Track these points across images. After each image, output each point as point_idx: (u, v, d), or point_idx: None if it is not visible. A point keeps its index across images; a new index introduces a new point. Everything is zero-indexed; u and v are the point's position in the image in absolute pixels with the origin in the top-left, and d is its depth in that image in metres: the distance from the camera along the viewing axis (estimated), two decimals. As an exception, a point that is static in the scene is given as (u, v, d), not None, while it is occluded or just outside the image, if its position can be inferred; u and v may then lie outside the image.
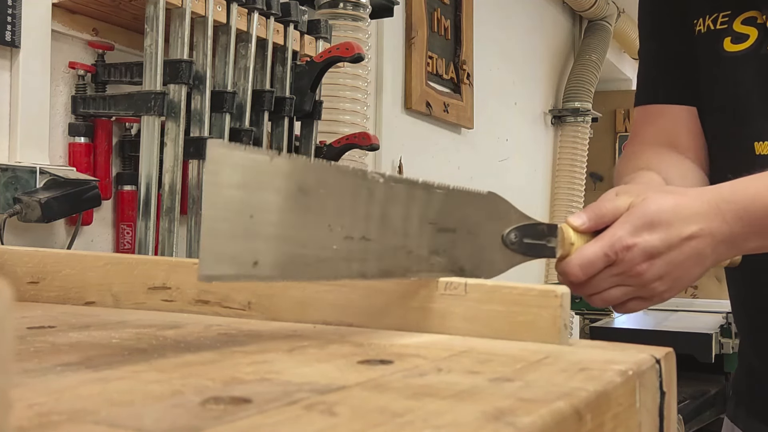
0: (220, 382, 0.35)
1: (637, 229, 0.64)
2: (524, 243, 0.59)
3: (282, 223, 0.40)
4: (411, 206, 0.48)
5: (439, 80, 2.54)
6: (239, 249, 0.38)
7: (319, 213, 0.42)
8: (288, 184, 0.40)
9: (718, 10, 0.86)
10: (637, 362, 0.41)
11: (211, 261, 0.37)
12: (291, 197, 0.40)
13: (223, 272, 0.38)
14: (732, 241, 0.67)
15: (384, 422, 0.28)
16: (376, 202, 0.45)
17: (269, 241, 0.40)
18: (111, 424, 0.28)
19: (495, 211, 0.57)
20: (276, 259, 0.40)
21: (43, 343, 0.45)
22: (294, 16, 1.42)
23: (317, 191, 0.42)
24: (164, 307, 0.59)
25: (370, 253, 0.45)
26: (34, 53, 1.18)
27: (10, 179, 1.12)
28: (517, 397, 0.32)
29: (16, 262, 0.65)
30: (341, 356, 0.41)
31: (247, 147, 0.39)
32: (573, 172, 3.49)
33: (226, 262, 0.38)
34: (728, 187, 0.69)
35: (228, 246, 0.38)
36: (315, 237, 0.42)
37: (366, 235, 0.45)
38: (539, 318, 0.46)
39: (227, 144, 0.38)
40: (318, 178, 0.42)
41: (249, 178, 0.38)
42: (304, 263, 0.42)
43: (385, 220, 0.46)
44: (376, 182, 0.45)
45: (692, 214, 0.65)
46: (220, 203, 0.37)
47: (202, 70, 1.26)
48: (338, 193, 0.43)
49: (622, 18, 3.91)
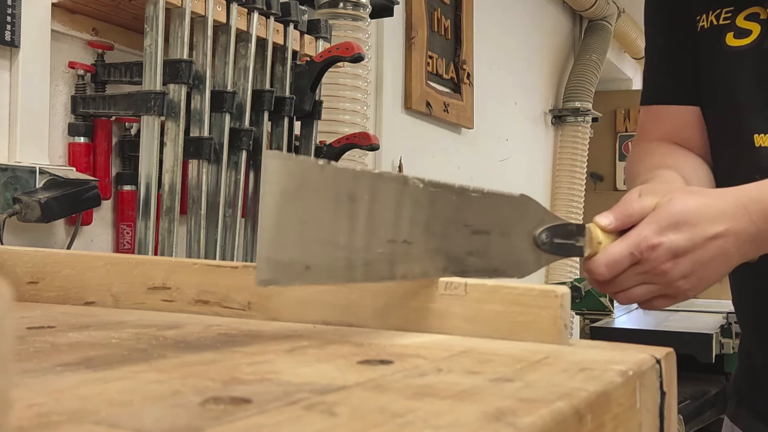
0: (220, 382, 0.35)
1: (663, 229, 0.65)
2: (554, 243, 0.61)
3: (331, 228, 0.42)
4: (448, 210, 0.50)
5: (439, 80, 2.54)
6: (292, 254, 0.41)
7: (365, 218, 0.44)
8: (336, 192, 0.43)
9: (722, 6, 0.87)
10: (637, 362, 0.40)
11: (268, 267, 0.40)
12: (339, 204, 0.43)
13: (279, 277, 0.40)
14: (758, 240, 0.68)
15: (384, 422, 0.28)
16: (417, 206, 0.48)
17: (319, 246, 0.42)
18: (111, 424, 0.28)
19: (526, 212, 0.59)
20: (326, 264, 0.43)
21: (43, 344, 0.45)
22: (294, 15, 1.42)
23: (363, 197, 0.44)
24: (164, 307, 0.59)
25: (412, 255, 0.48)
26: (33, 53, 1.18)
27: (9, 179, 1.12)
28: (518, 397, 0.32)
29: (15, 262, 0.65)
30: (341, 356, 0.41)
31: (300, 157, 0.42)
32: (573, 172, 3.49)
33: (281, 267, 0.40)
34: (755, 188, 0.69)
35: (283, 252, 0.40)
36: (361, 241, 0.44)
37: (408, 239, 0.47)
38: (539, 318, 0.46)
39: (282, 155, 0.40)
40: (363, 185, 0.44)
41: (301, 186, 0.41)
42: (352, 266, 0.44)
43: (425, 223, 0.48)
44: (416, 187, 0.47)
45: (718, 214, 0.66)
46: (276, 211, 0.40)
47: (202, 69, 1.26)
48: (382, 199, 0.45)
49: (622, 18, 3.91)
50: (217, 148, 1.29)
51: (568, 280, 2.83)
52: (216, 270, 0.58)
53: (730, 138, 0.87)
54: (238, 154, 1.34)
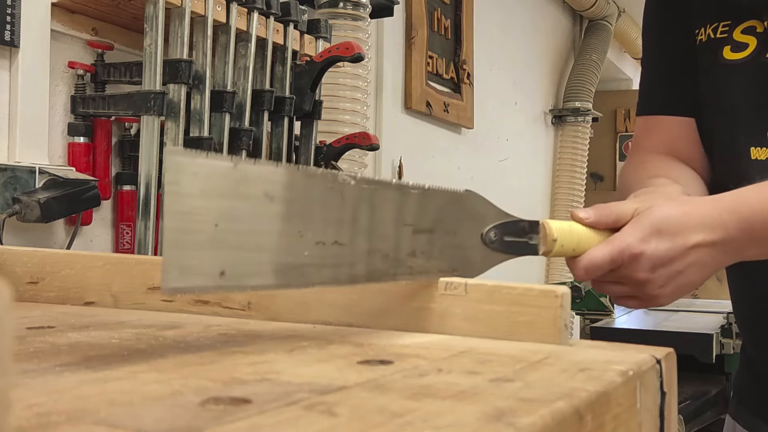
0: (219, 382, 0.35)
1: (646, 236, 0.65)
2: (505, 241, 0.58)
3: (249, 231, 0.39)
4: (385, 208, 0.46)
5: (439, 80, 2.54)
6: (204, 259, 0.37)
7: (288, 219, 0.41)
8: (254, 191, 0.39)
9: (719, 20, 0.88)
10: (637, 362, 0.40)
11: (176, 273, 0.36)
12: (257, 204, 0.39)
13: (189, 284, 0.37)
14: (733, 249, 0.69)
15: (384, 423, 0.28)
16: (348, 205, 0.44)
17: (236, 250, 0.38)
18: (110, 424, 0.28)
19: (473, 209, 0.56)
20: (243, 269, 0.39)
21: (43, 344, 0.45)
22: (294, 15, 1.42)
23: (285, 196, 0.40)
24: (164, 307, 0.59)
25: (344, 258, 0.44)
26: (33, 53, 1.18)
27: (9, 179, 1.12)
28: (518, 397, 0.32)
29: (15, 262, 0.65)
30: (341, 356, 0.41)
31: (209, 154, 0.38)
32: (573, 172, 3.49)
33: (191, 273, 0.36)
34: (730, 198, 0.70)
35: (192, 257, 0.36)
36: (284, 244, 0.41)
37: (339, 240, 0.43)
38: (539, 318, 0.46)
39: (187, 152, 0.37)
40: (285, 182, 0.41)
41: (212, 186, 0.37)
42: (274, 271, 0.40)
43: (358, 223, 0.44)
44: (347, 185, 0.44)
45: (697, 224, 0.67)
46: (182, 213, 0.36)
47: (202, 69, 1.26)
48: (308, 198, 0.42)
49: (622, 18, 3.91)
50: (217, 148, 1.29)
51: (568, 280, 2.83)
52: (216, 270, 0.57)
53: (726, 151, 0.88)
54: (238, 154, 1.34)
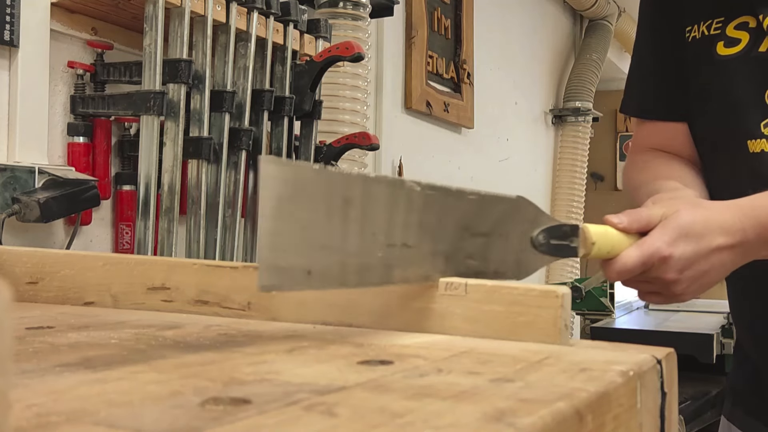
0: (219, 382, 0.35)
1: (674, 240, 0.69)
2: (551, 244, 0.62)
3: (330, 232, 0.43)
4: (446, 213, 0.50)
5: (439, 80, 2.54)
6: (294, 260, 0.41)
7: (363, 222, 0.44)
8: (334, 196, 0.43)
9: (713, 17, 0.89)
10: (638, 363, 0.40)
11: (270, 272, 0.40)
12: (336, 208, 0.43)
13: (280, 282, 0.41)
14: (750, 251, 0.74)
15: (384, 423, 0.28)
16: (415, 209, 0.48)
17: (319, 250, 0.42)
18: (110, 424, 0.28)
19: (523, 214, 0.60)
20: (326, 268, 0.43)
21: (42, 344, 0.45)
22: (294, 15, 1.42)
23: (360, 201, 0.44)
24: (163, 307, 0.59)
25: (411, 259, 0.48)
26: (32, 53, 1.18)
27: (8, 179, 1.11)
28: (518, 397, 0.32)
29: (14, 263, 0.65)
30: (341, 357, 0.41)
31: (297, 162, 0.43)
32: (574, 172, 3.49)
33: (282, 272, 0.40)
34: (748, 203, 0.75)
35: (283, 257, 0.40)
36: (360, 245, 0.44)
37: (406, 242, 0.47)
38: (540, 318, 0.46)
39: (278, 160, 0.41)
40: (360, 188, 0.44)
41: (300, 191, 0.41)
42: (352, 271, 0.44)
43: (424, 226, 0.48)
44: (414, 190, 0.47)
45: (719, 227, 0.72)
46: (275, 217, 0.40)
47: (202, 69, 1.26)
48: (379, 203, 0.45)
49: (623, 17, 3.91)
50: (217, 148, 1.29)
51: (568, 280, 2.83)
52: (215, 270, 0.58)
53: (723, 146, 0.90)
54: (237, 154, 1.34)
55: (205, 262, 0.58)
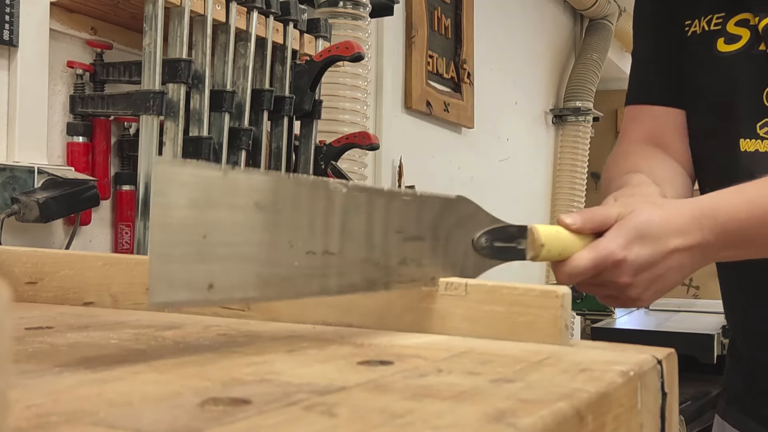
0: (219, 383, 0.35)
1: (629, 242, 0.66)
2: (495, 247, 0.58)
3: (238, 242, 0.38)
4: (375, 216, 0.46)
5: (439, 79, 2.54)
6: (192, 272, 0.36)
7: (278, 228, 0.40)
8: (242, 201, 0.38)
9: (713, 12, 0.88)
10: (638, 363, 0.40)
11: (163, 287, 0.35)
12: (247, 214, 0.39)
13: (177, 298, 0.36)
14: (709, 252, 0.71)
15: (384, 423, 0.28)
16: (339, 213, 0.43)
17: (224, 262, 0.38)
18: (109, 425, 0.28)
19: (464, 214, 0.56)
20: (233, 281, 0.38)
21: (42, 344, 0.45)
22: (293, 14, 1.42)
23: (274, 206, 0.40)
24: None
25: (334, 268, 0.43)
26: (32, 52, 1.18)
27: (8, 179, 1.11)
28: (518, 398, 0.32)
29: (14, 263, 0.64)
30: (341, 357, 0.41)
31: (197, 163, 0.37)
32: (574, 172, 3.49)
33: (179, 287, 0.36)
34: (707, 202, 0.72)
35: (180, 270, 0.36)
36: (274, 254, 0.40)
37: (329, 249, 0.43)
38: (540, 318, 0.46)
39: (175, 161, 0.36)
40: (275, 191, 0.40)
41: (200, 196, 0.36)
42: (264, 283, 0.40)
43: (349, 232, 0.44)
44: (338, 192, 0.43)
45: (676, 229, 0.68)
46: (170, 225, 0.35)
47: (201, 69, 1.26)
48: (297, 207, 0.41)
49: (623, 17, 3.90)
50: (216, 147, 1.28)
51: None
52: (215, 270, 0.57)
53: (716, 144, 0.89)
54: (237, 154, 1.33)
55: (205, 262, 0.58)
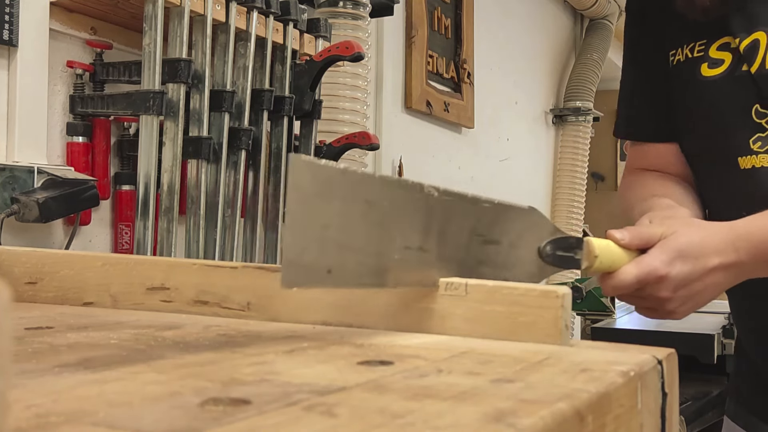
0: (219, 383, 0.35)
1: (671, 260, 0.71)
2: (557, 255, 0.64)
3: (351, 233, 0.43)
4: (461, 219, 0.52)
5: (439, 79, 2.54)
6: (314, 258, 0.41)
7: (383, 224, 0.45)
8: (356, 197, 0.44)
9: (695, 39, 0.91)
10: (638, 363, 0.40)
11: (291, 269, 0.40)
12: (358, 209, 0.44)
13: (302, 279, 0.42)
14: (744, 271, 0.76)
15: (384, 423, 0.28)
16: (432, 214, 0.49)
17: (340, 250, 0.43)
18: (109, 425, 0.28)
19: (533, 224, 0.61)
20: (346, 268, 0.44)
21: (41, 344, 0.45)
22: (293, 14, 1.42)
23: (381, 204, 0.45)
24: (163, 307, 0.59)
25: (426, 263, 0.49)
26: (31, 52, 1.18)
27: (7, 179, 1.11)
28: (518, 398, 0.32)
29: (13, 263, 0.64)
30: (341, 357, 0.41)
31: (324, 162, 0.43)
32: (574, 172, 3.49)
33: (303, 270, 0.41)
34: (743, 225, 0.77)
35: (305, 255, 0.41)
36: (379, 247, 0.45)
37: (423, 246, 0.48)
38: (540, 319, 0.46)
39: (309, 159, 0.41)
40: (382, 191, 0.45)
41: (324, 190, 0.42)
42: (369, 272, 0.45)
43: (439, 231, 0.49)
44: (431, 196, 0.48)
45: (714, 249, 0.74)
46: (301, 214, 0.41)
47: (201, 69, 1.26)
48: (398, 206, 0.46)
49: (624, 17, 3.90)
50: (216, 147, 1.28)
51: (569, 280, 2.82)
52: (215, 270, 0.57)
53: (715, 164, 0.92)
54: (237, 154, 1.33)
55: (205, 262, 0.58)
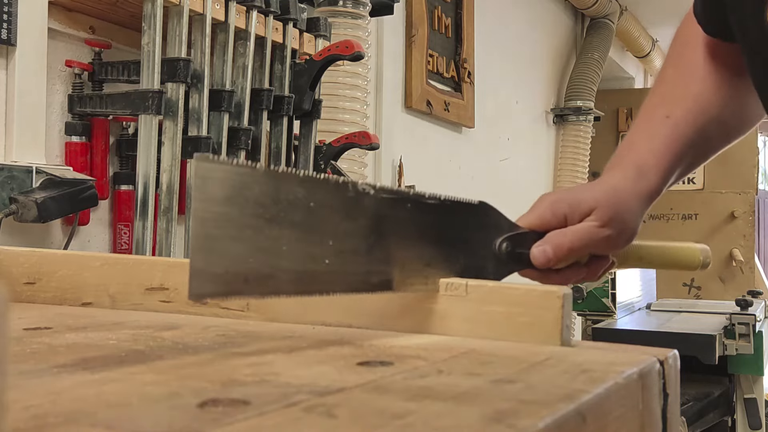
0: (218, 383, 0.34)
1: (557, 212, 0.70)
2: (515, 252, 0.60)
3: (271, 238, 0.39)
4: (403, 218, 0.47)
5: (439, 79, 2.54)
6: (228, 266, 0.38)
7: (310, 227, 0.41)
8: (277, 198, 0.40)
9: None
10: (639, 364, 0.40)
11: (202, 280, 0.37)
12: (280, 211, 0.40)
13: (214, 290, 0.38)
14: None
15: (383, 424, 0.28)
16: (367, 214, 0.45)
17: (259, 256, 0.39)
18: (108, 426, 0.28)
19: (485, 220, 0.57)
20: (267, 275, 0.40)
21: (40, 345, 0.44)
22: (293, 13, 1.42)
23: (307, 204, 0.41)
24: (162, 308, 0.59)
25: (361, 267, 0.45)
26: (30, 51, 1.17)
27: (6, 179, 1.11)
28: (519, 399, 0.32)
29: (12, 263, 0.64)
30: (340, 358, 0.41)
31: (234, 160, 0.39)
32: (575, 172, 3.49)
33: (216, 280, 0.38)
34: None
35: (218, 264, 0.38)
36: (306, 251, 0.41)
37: (358, 249, 0.44)
38: (541, 319, 0.46)
39: (214, 158, 0.38)
40: (308, 190, 0.41)
41: (238, 192, 0.38)
42: (296, 279, 0.41)
43: (377, 232, 0.45)
44: (367, 194, 0.45)
45: None
46: (208, 220, 0.37)
47: (200, 68, 1.25)
48: (328, 206, 0.42)
49: (624, 16, 3.90)
50: (216, 147, 1.28)
51: (568, 279, 2.82)
52: (214, 270, 0.57)
53: None
54: (236, 154, 1.33)
55: (204, 262, 0.58)
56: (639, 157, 0.77)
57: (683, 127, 0.79)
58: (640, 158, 0.76)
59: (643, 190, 0.75)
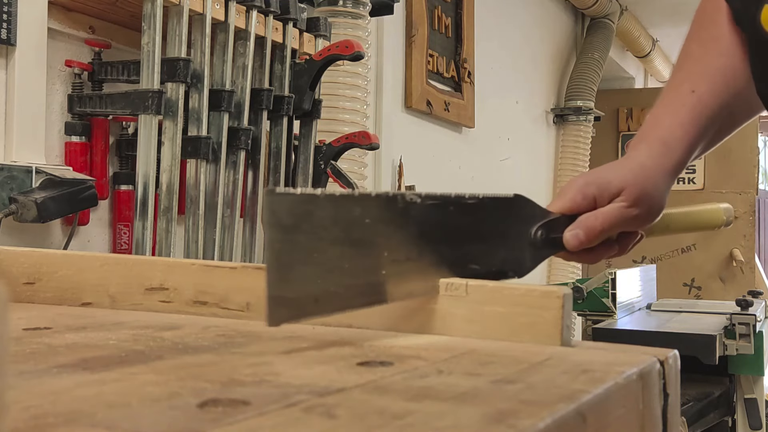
0: (218, 383, 0.34)
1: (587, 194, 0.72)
2: (549, 238, 0.63)
3: (333, 256, 0.43)
4: (447, 221, 0.52)
5: (439, 79, 2.54)
6: (299, 289, 0.41)
7: (366, 241, 0.45)
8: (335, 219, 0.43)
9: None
10: (640, 364, 0.40)
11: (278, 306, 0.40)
12: (339, 231, 0.44)
13: (289, 314, 0.41)
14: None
15: (384, 424, 0.28)
16: (416, 222, 0.49)
17: (324, 276, 0.43)
18: (107, 426, 0.28)
19: (521, 211, 0.61)
20: (333, 293, 0.43)
21: (39, 345, 0.44)
22: (293, 13, 1.42)
23: (362, 221, 0.45)
24: (162, 308, 0.59)
25: (416, 271, 0.49)
26: (30, 51, 1.17)
27: (5, 179, 1.11)
28: (519, 399, 0.32)
29: (11, 263, 0.64)
30: (340, 358, 0.41)
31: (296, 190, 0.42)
32: (575, 172, 3.49)
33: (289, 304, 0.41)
34: None
35: (291, 289, 0.41)
36: (366, 265, 0.45)
37: (410, 256, 0.48)
38: (541, 319, 0.46)
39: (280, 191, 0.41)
40: (361, 208, 0.45)
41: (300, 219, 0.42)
42: (359, 292, 0.45)
43: (426, 238, 0.50)
44: (414, 203, 0.49)
45: None
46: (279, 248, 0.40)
47: (200, 68, 1.25)
48: (380, 220, 0.46)
49: (624, 16, 3.90)
50: (216, 147, 1.28)
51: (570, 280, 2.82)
52: (214, 270, 0.57)
53: None
54: (236, 154, 1.33)
55: (204, 263, 0.58)
56: (664, 133, 0.77)
57: (708, 101, 0.79)
58: (666, 133, 0.77)
59: (668, 165, 0.76)
